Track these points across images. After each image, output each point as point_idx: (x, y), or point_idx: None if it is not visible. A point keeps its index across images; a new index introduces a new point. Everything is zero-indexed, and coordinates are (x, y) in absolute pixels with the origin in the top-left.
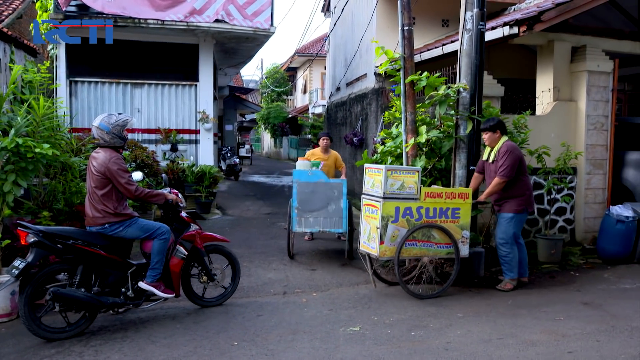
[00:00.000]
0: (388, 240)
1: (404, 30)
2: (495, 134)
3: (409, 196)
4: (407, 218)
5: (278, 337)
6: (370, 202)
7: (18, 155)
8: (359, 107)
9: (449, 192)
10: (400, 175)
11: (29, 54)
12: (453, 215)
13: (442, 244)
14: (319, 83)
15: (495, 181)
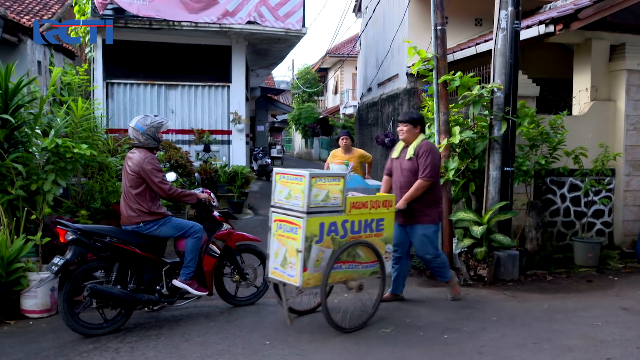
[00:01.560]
0: (312, 265)
1: (436, 29)
2: (415, 129)
3: (334, 208)
4: (332, 236)
5: (310, 338)
6: (285, 217)
7: (57, 155)
8: (391, 107)
9: (374, 200)
10: (325, 183)
11: (68, 57)
12: (377, 228)
13: (367, 262)
14: (350, 84)
15: (419, 183)
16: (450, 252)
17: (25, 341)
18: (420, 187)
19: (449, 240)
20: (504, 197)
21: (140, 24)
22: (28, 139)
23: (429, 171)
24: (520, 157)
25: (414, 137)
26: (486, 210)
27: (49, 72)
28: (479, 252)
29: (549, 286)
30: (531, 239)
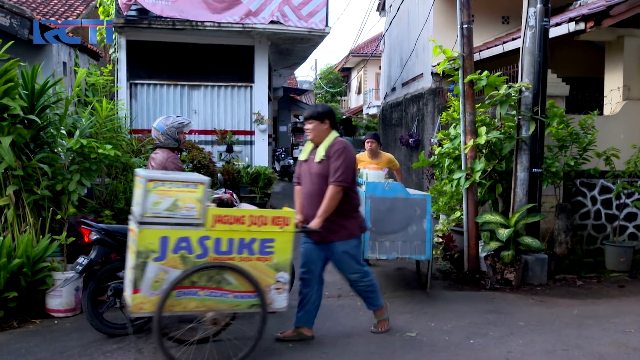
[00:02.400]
0: (147, 287)
1: (462, 28)
2: (323, 125)
3: (186, 220)
4: (183, 254)
5: (333, 340)
6: (132, 226)
7: (82, 155)
8: (415, 107)
9: (257, 215)
10: (172, 189)
11: (92, 58)
12: (262, 250)
13: (243, 292)
14: (374, 83)
15: (331, 191)
16: (476, 255)
17: (50, 340)
18: (334, 196)
19: (475, 243)
20: (532, 199)
21: (164, 24)
22: (53, 139)
23: (341, 174)
24: (549, 158)
25: (324, 134)
26: (513, 213)
27: (74, 73)
28: (505, 255)
29: (579, 291)
30: (560, 243)
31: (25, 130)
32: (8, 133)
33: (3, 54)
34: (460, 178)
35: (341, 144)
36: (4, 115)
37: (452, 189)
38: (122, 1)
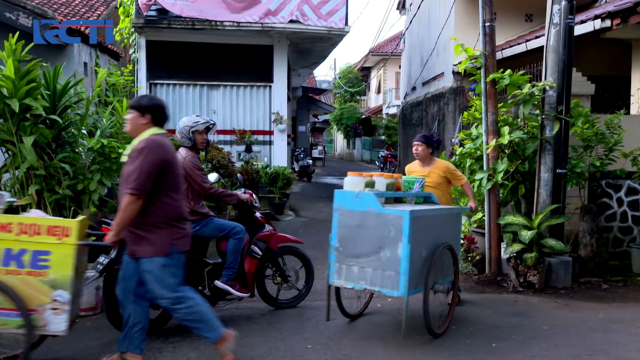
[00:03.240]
0: None
1: (485, 26)
2: (142, 119)
3: None
4: None
5: (352, 343)
6: None
7: (103, 155)
8: (436, 107)
9: (28, 223)
10: None
11: (113, 58)
12: (35, 264)
13: (8, 310)
14: (394, 83)
15: (124, 201)
16: (498, 257)
17: (71, 339)
18: (127, 206)
19: (497, 245)
20: (556, 200)
21: (183, 24)
22: (75, 139)
23: (134, 180)
24: (573, 159)
25: (139, 129)
26: (536, 214)
27: (95, 73)
28: (528, 257)
29: (605, 295)
30: (585, 245)
31: (47, 130)
32: (30, 133)
33: (26, 55)
34: (482, 179)
35: (146, 142)
36: (26, 116)
37: (474, 189)
38: (142, 1)
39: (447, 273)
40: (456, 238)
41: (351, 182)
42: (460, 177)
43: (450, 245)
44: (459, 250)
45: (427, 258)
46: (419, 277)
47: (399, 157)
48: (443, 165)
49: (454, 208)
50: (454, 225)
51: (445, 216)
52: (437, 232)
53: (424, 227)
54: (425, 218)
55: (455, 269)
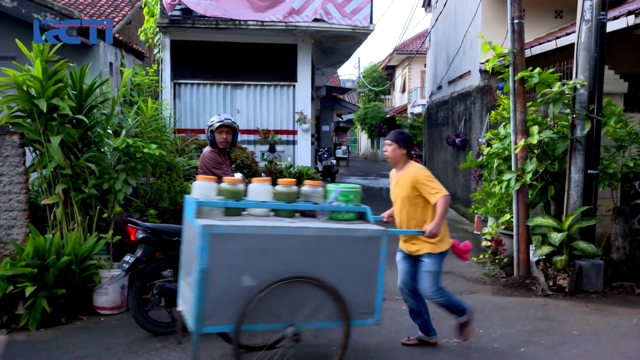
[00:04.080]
0: None
1: (513, 23)
2: None
3: None
4: None
5: (378, 345)
6: None
7: (128, 155)
8: (462, 106)
9: None
10: None
11: (137, 58)
12: None
13: None
14: (419, 81)
15: None
16: (526, 259)
17: (96, 337)
18: None
19: (526, 247)
20: (587, 201)
21: (207, 24)
22: (100, 139)
23: None
24: (605, 159)
25: None
26: (567, 216)
27: (120, 73)
28: (558, 260)
29: (638, 299)
30: (617, 248)
31: (73, 130)
32: (57, 132)
33: (53, 55)
34: (511, 179)
35: None
36: (53, 115)
37: (502, 190)
38: (166, 1)
39: (324, 317)
40: (353, 272)
41: (200, 188)
42: (433, 192)
43: (321, 280)
44: (365, 289)
45: (251, 289)
46: (229, 311)
47: (424, 157)
48: (412, 172)
49: (361, 230)
50: (350, 254)
51: (323, 239)
52: (292, 259)
53: (251, 249)
54: (251, 237)
55: (344, 316)
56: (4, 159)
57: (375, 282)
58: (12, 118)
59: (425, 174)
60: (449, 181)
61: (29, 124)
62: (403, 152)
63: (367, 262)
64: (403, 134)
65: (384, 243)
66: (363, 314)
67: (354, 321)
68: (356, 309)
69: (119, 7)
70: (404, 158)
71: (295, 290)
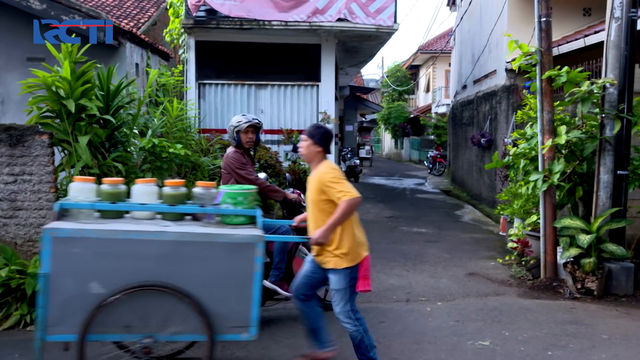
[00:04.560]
0: None
1: (540, 21)
2: None
3: None
4: None
5: (401, 346)
6: None
7: (154, 154)
8: (487, 105)
9: None
10: None
11: (163, 59)
12: None
13: None
14: (443, 81)
15: None
16: (554, 261)
17: None
18: None
19: (553, 249)
20: (617, 203)
21: (232, 24)
22: (127, 138)
23: None
24: (635, 160)
25: None
26: (595, 218)
27: (146, 74)
28: (587, 263)
29: None
30: None
31: (101, 130)
32: (85, 132)
33: (81, 56)
34: (537, 180)
35: None
36: (81, 116)
37: (528, 191)
38: (191, 2)
39: (185, 330)
40: (221, 281)
41: (77, 189)
42: (339, 195)
43: (177, 289)
44: (238, 300)
45: (102, 297)
46: (76, 319)
47: (449, 157)
48: (320, 172)
49: (231, 235)
50: (218, 261)
51: (185, 245)
52: (149, 265)
53: (100, 254)
54: (100, 241)
55: (207, 330)
56: (34, 159)
57: (249, 293)
58: (41, 118)
59: (333, 174)
60: (474, 181)
61: (58, 124)
62: (318, 150)
63: (239, 270)
64: (320, 129)
65: (259, 250)
66: (235, 328)
67: (225, 335)
68: (226, 322)
69: (145, 9)
70: (318, 156)
71: (149, 299)
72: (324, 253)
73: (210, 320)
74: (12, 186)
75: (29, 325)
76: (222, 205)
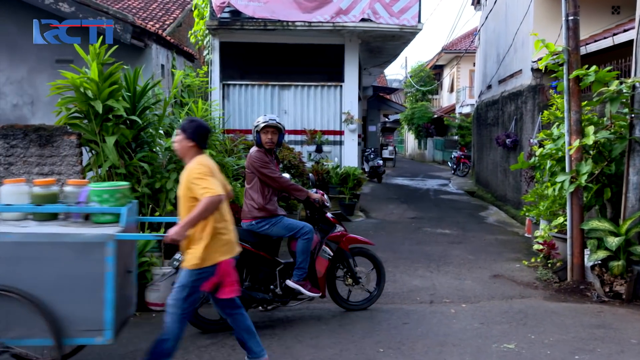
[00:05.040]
0: None
1: (568, 20)
2: None
3: None
4: None
5: (425, 348)
6: None
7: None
8: (513, 105)
9: None
10: None
11: (188, 60)
12: None
13: None
14: (467, 81)
15: None
16: (581, 264)
17: (148, 332)
18: None
19: (580, 252)
20: None
21: (256, 25)
22: (153, 139)
23: None
24: None
25: None
26: (624, 220)
27: (171, 75)
28: (615, 265)
29: None
30: None
31: (127, 131)
32: (112, 133)
33: (108, 58)
34: (564, 181)
35: None
36: (108, 116)
37: (555, 192)
38: (215, 4)
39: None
40: (69, 283)
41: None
42: (200, 192)
43: (15, 290)
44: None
45: None
46: None
47: (473, 158)
48: (188, 168)
49: (77, 235)
50: (65, 262)
51: (29, 246)
52: None
53: None
54: None
55: (53, 333)
56: (63, 159)
57: (101, 295)
58: (70, 119)
59: (199, 170)
60: (499, 182)
61: (86, 124)
62: (190, 145)
63: (88, 271)
64: (194, 123)
65: (109, 249)
66: (88, 332)
67: (76, 339)
68: (76, 325)
69: (170, 10)
70: (191, 151)
71: None
72: (184, 251)
73: (57, 324)
74: None
75: None
76: (89, 203)
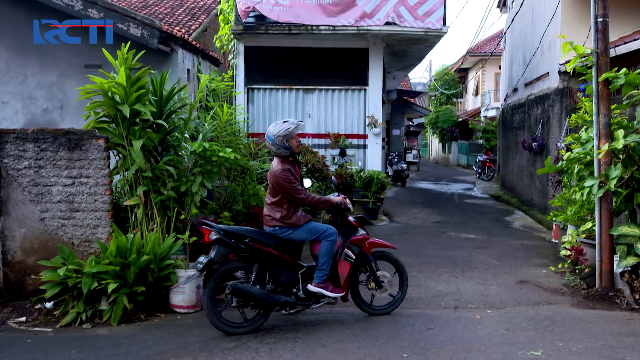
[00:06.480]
0: None
1: (597, 22)
2: None
3: None
4: None
5: (450, 354)
6: None
7: (204, 158)
8: (539, 109)
9: None
10: None
11: (213, 64)
12: None
13: None
14: (492, 84)
15: None
16: (610, 270)
17: (173, 334)
18: None
19: (609, 258)
20: None
21: (280, 29)
22: (178, 142)
23: None
24: None
25: None
26: None
27: (197, 79)
28: None
29: None
30: None
31: (154, 134)
32: (139, 137)
33: (136, 63)
34: (593, 186)
35: None
36: (136, 120)
37: (583, 197)
38: (241, 9)
39: None
40: None
41: None
42: None
43: None
44: None
45: None
46: None
47: (498, 162)
48: None
49: None
50: None
51: None
52: None
53: None
54: None
55: None
56: (91, 162)
57: None
58: (98, 123)
59: None
60: (525, 187)
61: (113, 128)
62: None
63: None
64: None
65: None
66: None
67: None
68: None
69: (196, 16)
70: None
71: None
72: None
73: None
74: (70, 188)
75: (85, 323)
76: None
